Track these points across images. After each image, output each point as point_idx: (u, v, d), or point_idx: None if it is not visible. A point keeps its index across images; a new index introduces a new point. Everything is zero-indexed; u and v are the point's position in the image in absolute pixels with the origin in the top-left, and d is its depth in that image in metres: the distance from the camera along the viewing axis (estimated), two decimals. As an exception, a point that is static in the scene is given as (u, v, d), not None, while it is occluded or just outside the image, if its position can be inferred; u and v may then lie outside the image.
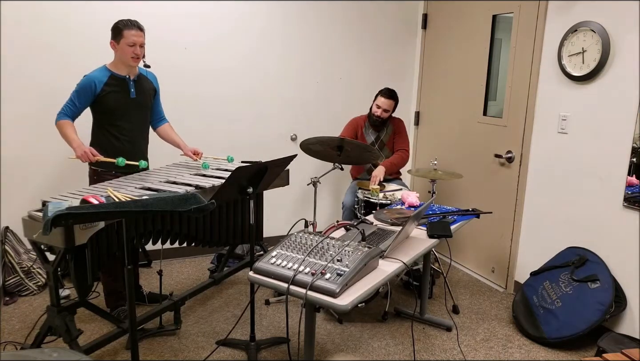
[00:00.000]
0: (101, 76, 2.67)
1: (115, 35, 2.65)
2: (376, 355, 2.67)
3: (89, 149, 2.63)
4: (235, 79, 3.81)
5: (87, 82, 2.65)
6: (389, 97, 3.54)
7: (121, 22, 2.65)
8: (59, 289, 2.35)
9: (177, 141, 3.03)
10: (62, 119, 2.66)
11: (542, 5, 3.11)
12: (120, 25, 2.64)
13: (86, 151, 2.60)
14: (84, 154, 2.60)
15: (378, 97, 3.58)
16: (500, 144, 3.49)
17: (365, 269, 1.81)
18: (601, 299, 2.66)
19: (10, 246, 3.19)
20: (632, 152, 2.64)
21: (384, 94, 3.55)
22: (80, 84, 2.66)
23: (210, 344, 2.71)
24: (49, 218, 1.41)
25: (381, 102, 3.54)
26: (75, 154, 2.63)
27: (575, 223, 2.99)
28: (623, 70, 2.67)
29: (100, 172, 2.73)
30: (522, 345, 2.80)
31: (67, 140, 2.66)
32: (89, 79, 2.65)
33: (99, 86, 2.65)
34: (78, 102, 2.66)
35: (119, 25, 2.64)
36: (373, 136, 3.69)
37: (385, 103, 3.53)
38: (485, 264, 3.71)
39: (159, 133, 3.06)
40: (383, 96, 3.55)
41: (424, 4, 4.26)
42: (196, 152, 3.04)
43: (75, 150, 2.63)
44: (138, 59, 2.70)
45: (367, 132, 3.70)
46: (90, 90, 2.64)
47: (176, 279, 3.52)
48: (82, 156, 2.61)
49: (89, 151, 2.61)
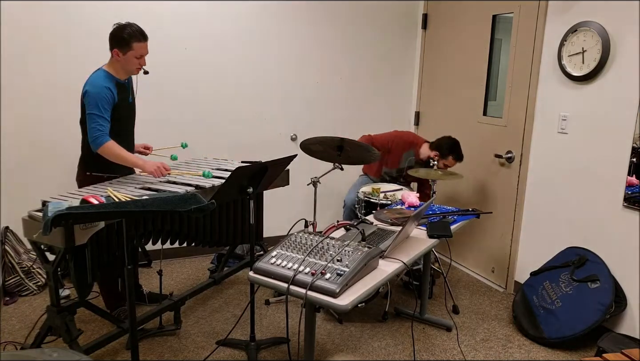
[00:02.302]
0: (110, 83, 2.54)
1: (121, 45, 2.51)
2: (376, 355, 2.67)
3: (162, 164, 2.57)
4: (235, 79, 3.81)
5: (104, 92, 2.48)
6: (460, 159, 3.39)
7: (127, 33, 2.50)
8: (59, 289, 2.34)
9: None
10: (106, 140, 2.47)
11: (542, 5, 3.11)
12: (126, 35, 2.49)
13: (159, 166, 2.55)
14: (157, 170, 2.54)
15: (449, 158, 3.35)
16: (500, 144, 3.49)
17: (365, 269, 1.81)
18: (601, 299, 2.66)
19: (10, 246, 3.19)
20: (632, 152, 2.64)
21: (456, 158, 3.36)
22: (99, 96, 2.46)
23: (210, 344, 2.71)
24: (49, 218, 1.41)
25: (450, 163, 3.38)
26: (145, 171, 2.55)
27: (575, 223, 2.99)
28: (623, 70, 2.67)
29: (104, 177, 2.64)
30: (522, 345, 2.80)
31: (125, 161, 2.52)
32: (104, 89, 2.48)
33: (115, 95, 2.54)
34: (106, 115, 2.50)
35: (124, 35, 2.49)
36: (410, 164, 3.53)
37: (454, 165, 3.40)
38: (485, 264, 3.71)
39: None
40: (455, 159, 3.37)
41: (424, 4, 4.26)
42: (146, 147, 2.95)
43: (145, 167, 2.54)
44: (140, 69, 2.62)
45: (408, 157, 3.52)
46: (112, 99, 2.52)
47: (176, 279, 3.52)
48: (155, 172, 2.54)
49: (162, 165, 2.56)
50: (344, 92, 4.22)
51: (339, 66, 4.15)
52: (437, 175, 3.16)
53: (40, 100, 3.26)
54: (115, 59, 2.57)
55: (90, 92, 2.48)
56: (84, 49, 3.30)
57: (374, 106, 4.33)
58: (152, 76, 3.07)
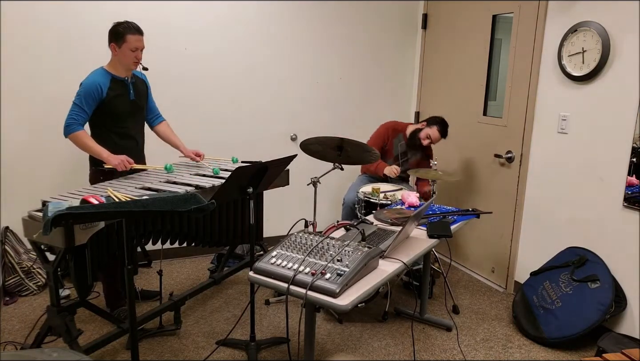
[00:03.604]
0: (104, 79, 2.62)
1: (117, 39, 2.60)
2: (376, 355, 2.67)
3: (125, 158, 2.61)
4: (235, 79, 3.81)
5: (92, 86, 2.57)
6: (443, 134, 3.48)
7: (122, 26, 2.60)
8: (59, 289, 2.35)
9: (176, 142, 3.02)
10: (77, 129, 2.57)
11: (542, 5, 3.11)
12: (121, 29, 2.59)
13: (122, 160, 2.59)
14: (121, 163, 2.59)
15: (433, 127, 3.46)
16: (500, 144, 3.49)
17: (365, 269, 1.81)
18: (601, 299, 2.66)
19: (10, 246, 3.19)
20: (632, 152, 2.64)
21: (441, 131, 3.46)
22: (85, 89, 2.57)
23: (210, 344, 2.71)
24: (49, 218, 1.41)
25: (435, 137, 3.47)
26: (109, 163, 2.59)
27: (575, 223, 2.99)
28: (623, 70, 2.67)
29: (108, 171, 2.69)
30: (522, 345, 2.80)
31: (91, 151, 2.60)
32: (93, 83, 2.58)
33: (105, 90, 2.61)
34: (87, 108, 2.58)
35: (119, 28, 2.59)
36: (401, 150, 3.62)
37: (437, 138, 3.49)
38: (485, 264, 3.71)
39: (157, 132, 3.04)
40: (439, 132, 3.46)
41: (424, 4, 4.26)
42: (198, 153, 3.02)
43: (109, 160, 2.59)
44: (138, 63, 2.69)
45: (398, 143, 3.63)
46: (98, 94, 2.59)
47: (176, 279, 3.52)
48: (119, 165, 2.59)
49: (125, 159, 2.60)
50: (344, 92, 4.22)
51: (339, 66, 4.15)
52: (437, 175, 3.16)
53: (41, 100, 3.26)
54: (113, 55, 2.67)
55: (81, 85, 2.61)
56: (83, 49, 3.30)
57: (374, 106, 4.33)
58: (152, 76, 3.07)
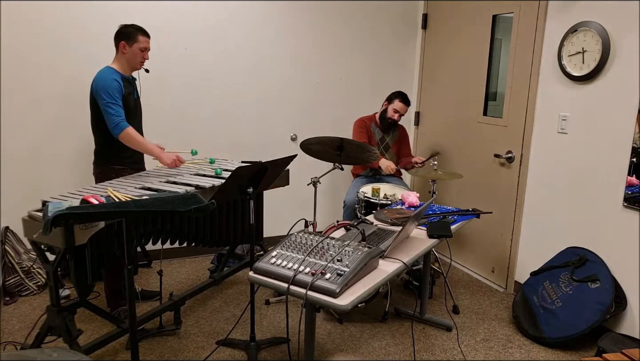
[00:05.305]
0: (117, 76, 2.66)
1: (128, 38, 2.66)
2: (376, 355, 2.67)
3: (177, 156, 2.66)
4: (235, 79, 3.81)
5: (113, 83, 2.59)
6: (407, 103, 3.66)
7: (133, 27, 2.67)
8: (59, 289, 2.35)
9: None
10: (126, 125, 2.59)
11: (542, 5, 3.11)
12: (133, 29, 2.67)
13: (174, 159, 2.64)
14: (174, 162, 2.64)
15: (395, 101, 3.65)
16: (500, 144, 3.49)
17: (366, 270, 1.81)
18: (601, 300, 2.66)
19: (10, 246, 3.19)
20: (632, 152, 2.64)
21: (402, 100, 3.65)
22: (110, 86, 2.57)
23: (210, 344, 2.71)
24: (49, 218, 1.41)
25: (399, 107, 3.65)
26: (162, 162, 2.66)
27: (575, 223, 2.99)
28: (623, 70, 2.67)
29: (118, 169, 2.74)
30: (522, 345, 2.80)
31: (143, 148, 2.64)
32: (112, 80, 2.59)
33: (122, 87, 2.66)
34: (120, 102, 2.61)
35: (130, 29, 2.67)
36: (378, 136, 3.78)
37: (403, 109, 3.67)
38: (485, 264, 3.71)
39: None
40: (402, 102, 3.65)
41: (424, 4, 4.26)
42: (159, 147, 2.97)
43: (161, 158, 2.65)
44: (143, 63, 2.76)
45: (374, 132, 3.78)
46: (121, 89, 2.63)
47: (176, 279, 3.52)
48: (171, 163, 2.64)
49: (177, 157, 2.65)
50: (344, 92, 4.22)
51: (339, 66, 4.15)
52: (437, 175, 3.16)
53: (41, 100, 3.26)
54: (121, 54, 2.70)
55: (99, 85, 2.59)
56: (83, 50, 3.30)
57: (374, 106, 4.33)
58: (153, 76, 3.08)
